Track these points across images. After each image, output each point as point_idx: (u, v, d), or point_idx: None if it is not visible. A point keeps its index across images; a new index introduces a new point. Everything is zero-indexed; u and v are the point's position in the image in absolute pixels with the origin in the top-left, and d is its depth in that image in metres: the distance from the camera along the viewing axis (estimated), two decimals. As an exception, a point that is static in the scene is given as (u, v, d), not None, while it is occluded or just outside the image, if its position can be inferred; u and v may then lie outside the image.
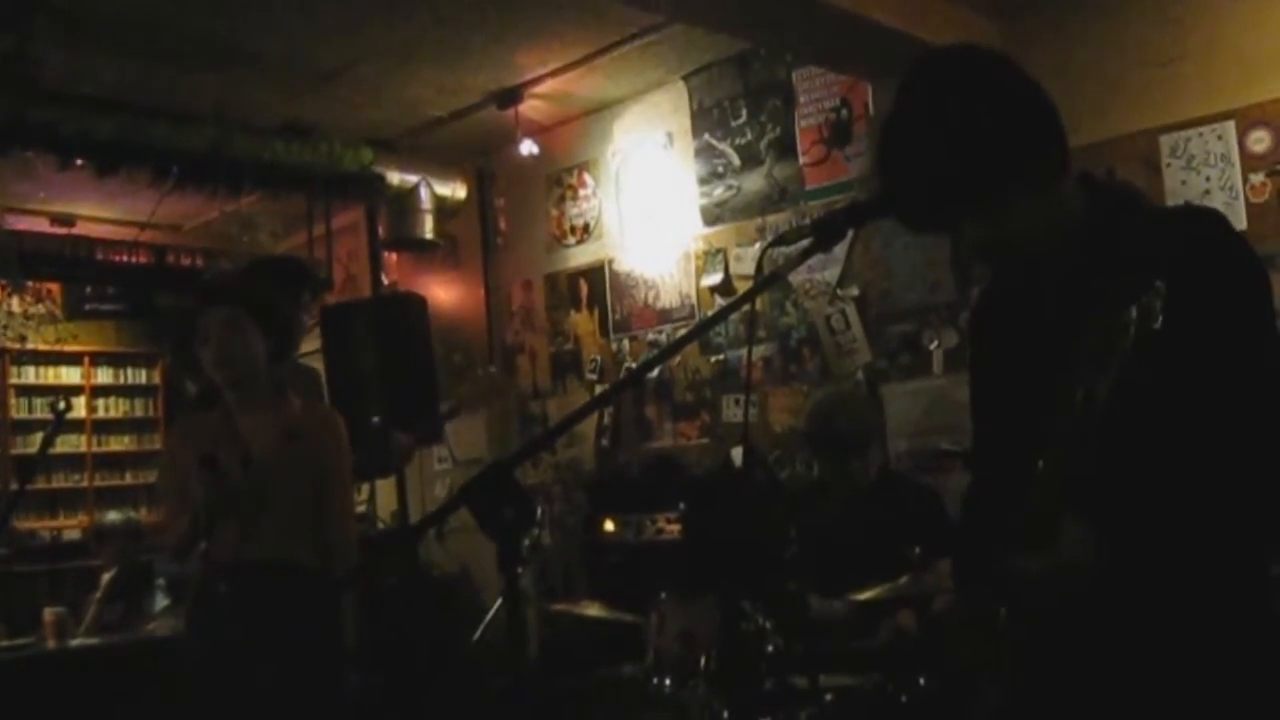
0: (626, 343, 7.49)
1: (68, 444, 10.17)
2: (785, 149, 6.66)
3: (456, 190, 8.00)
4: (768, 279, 2.14)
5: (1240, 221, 5.04)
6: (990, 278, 2.28)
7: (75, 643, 5.65)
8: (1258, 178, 5.06)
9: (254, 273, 4.85)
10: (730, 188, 6.91)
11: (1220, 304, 1.85)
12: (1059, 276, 2.01)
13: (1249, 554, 1.93)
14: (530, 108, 7.40)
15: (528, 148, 7.48)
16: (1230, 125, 5.12)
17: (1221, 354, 1.84)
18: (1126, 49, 5.36)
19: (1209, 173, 5.16)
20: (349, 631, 3.74)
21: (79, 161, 6.47)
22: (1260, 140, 5.05)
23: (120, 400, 10.77)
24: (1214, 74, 5.17)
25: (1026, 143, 1.91)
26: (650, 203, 7.35)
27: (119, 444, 10.65)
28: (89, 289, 10.36)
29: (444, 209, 7.93)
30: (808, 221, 2.12)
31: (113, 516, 6.77)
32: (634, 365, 7.39)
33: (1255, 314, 1.90)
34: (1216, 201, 5.08)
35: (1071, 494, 1.84)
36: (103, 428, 10.59)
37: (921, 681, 3.45)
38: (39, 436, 9.64)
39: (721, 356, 6.95)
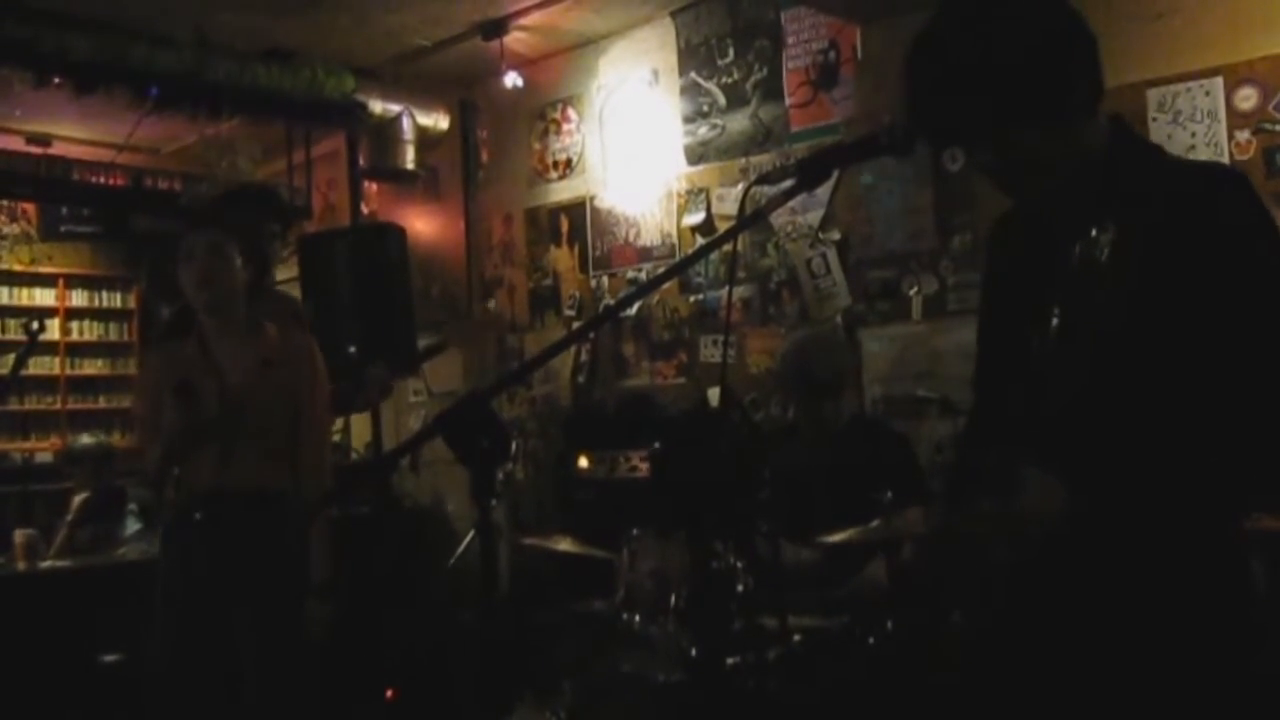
0: (606, 280, 7.46)
1: (41, 366, 10.13)
2: (772, 90, 6.61)
3: (439, 121, 7.94)
4: (750, 217, 2.13)
5: (1224, 178, 5.03)
6: (1010, 206, 2.26)
7: (45, 565, 5.64)
8: (1243, 135, 5.05)
9: (236, 199, 4.82)
10: (715, 127, 6.86)
11: (1223, 259, 1.83)
12: (1067, 211, 2.00)
13: (1222, 503, 1.92)
14: (516, 40, 7.33)
15: (512, 80, 7.41)
16: (1218, 81, 5.10)
17: (1219, 306, 1.83)
18: (1115, 1, 5.31)
19: (1195, 128, 5.14)
20: (323, 562, 3.73)
21: (56, 80, 6.38)
22: (1247, 98, 5.03)
23: (94, 324, 10.72)
24: (1203, 29, 5.14)
25: (1051, 76, 1.90)
26: (634, 140, 7.30)
27: (92, 367, 10.61)
28: (65, 210, 10.26)
29: (426, 140, 7.87)
30: (792, 162, 2.10)
31: (85, 440, 6.75)
32: (612, 302, 7.38)
33: (1257, 274, 1.86)
34: (1201, 157, 5.05)
35: (1046, 432, 1.86)
36: (76, 351, 10.55)
37: (889, 625, 3.48)
38: (11, 358, 9.58)
39: (700, 296, 6.94)
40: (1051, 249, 2.01)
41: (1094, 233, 1.76)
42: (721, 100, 6.84)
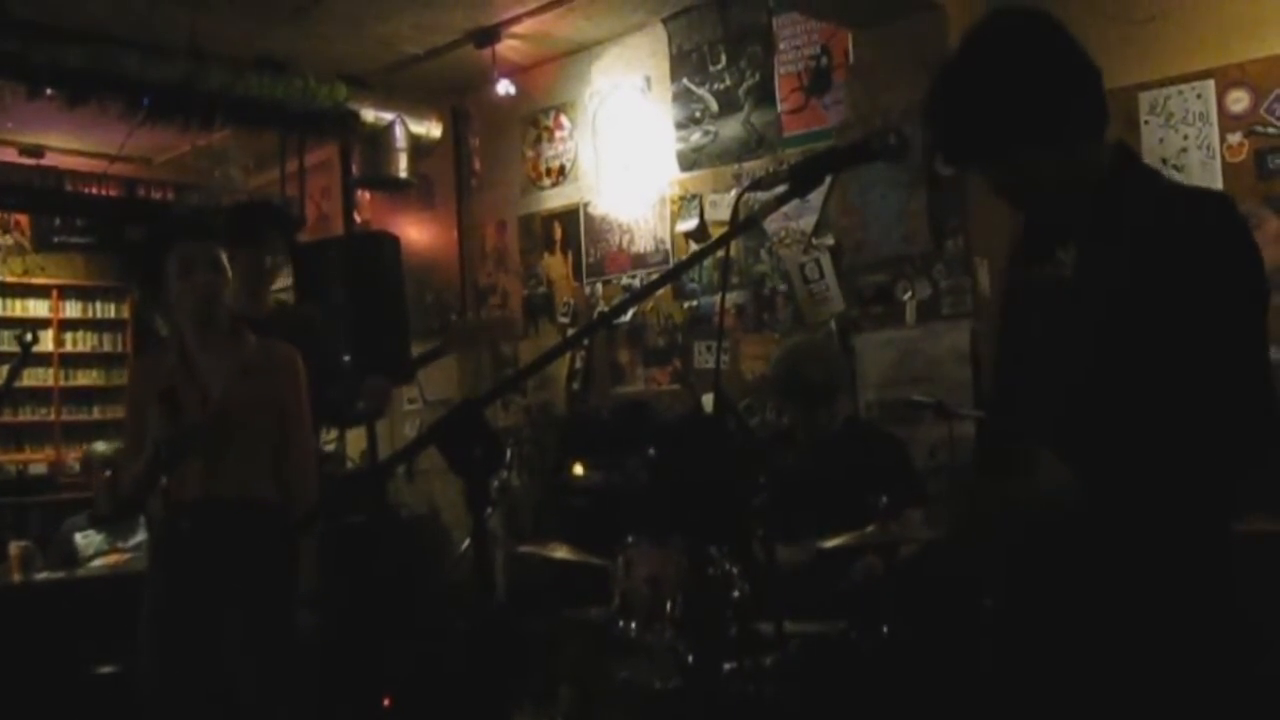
0: (600, 287, 7.46)
1: (34, 377, 10.10)
2: (764, 95, 6.62)
3: (431, 129, 7.93)
4: (744, 223, 2.15)
5: (1216, 181, 5.05)
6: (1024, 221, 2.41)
7: (41, 576, 5.63)
8: (1235, 138, 5.06)
9: (235, 213, 4.83)
10: (707, 133, 6.87)
11: (1195, 281, 1.95)
12: (1066, 227, 2.14)
13: (1207, 504, 2.00)
14: (508, 47, 7.33)
15: (504, 88, 7.42)
16: (1209, 84, 5.11)
17: (1182, 319, 1.94)
18: (1106, 5, 5.32)
19: (1187, 131, 5.16)
20: (309, 572, 3.71)
21: (48, 91, 6.38)
22: (1239, 100, 5.05)
23: (88, 334, 10.69)
24: (1194, 32, 5.15)
25: (1051, 105, 2.06)
26: (627, 146, 7.31)
27: (86, 378, 10.57)
28: (58, 221, 10.25)
29: (419, 148, 7.87)
30: (785, 167, 2.13)
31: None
32: (606, 309, 7.38)
33: (1228, 297, 1.97)
34: (1193, 160, 5.08)
35: (1046, 432, 1.99)
36: (70, 362, 10.51)
37: (885, 629, 3.48)
38: (4, 369, 9.57)
39: (694, 303, 6.94)
40: (1049, 262, 2.15)
41: (1083, 247, 1.86)
42: (714, 106, 6.85)
